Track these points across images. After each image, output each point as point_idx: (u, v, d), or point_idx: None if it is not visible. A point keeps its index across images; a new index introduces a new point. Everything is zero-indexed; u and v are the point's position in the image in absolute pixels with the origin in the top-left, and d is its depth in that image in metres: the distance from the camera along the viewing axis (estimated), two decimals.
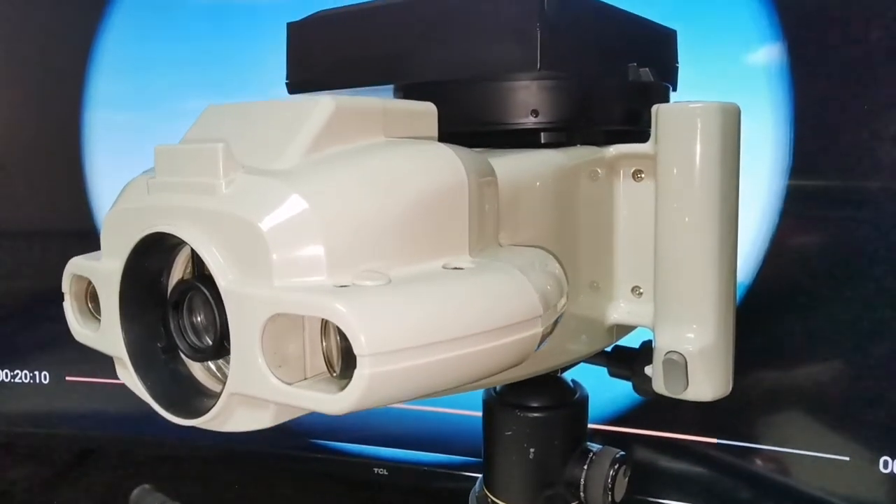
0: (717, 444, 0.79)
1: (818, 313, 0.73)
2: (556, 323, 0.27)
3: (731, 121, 0.35)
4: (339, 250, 0.22)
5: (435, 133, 0.30)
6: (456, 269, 0.24)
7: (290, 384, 0.22)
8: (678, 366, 0.34)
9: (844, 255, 0.72)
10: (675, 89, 0.47)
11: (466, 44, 0.33)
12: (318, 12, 0.40)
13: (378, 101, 0.27)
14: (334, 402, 0.21)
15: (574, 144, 0.37)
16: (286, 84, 0.41)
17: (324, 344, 0.23)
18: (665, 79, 0.44)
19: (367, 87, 0.38)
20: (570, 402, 0.45)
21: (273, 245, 0.22)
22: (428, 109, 0.29)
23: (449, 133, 0.40)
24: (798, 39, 0.71)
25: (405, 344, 0.21)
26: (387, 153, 0.25)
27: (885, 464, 0.71)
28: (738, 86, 0.73)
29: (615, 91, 0.38)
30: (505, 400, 0.45)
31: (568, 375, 0.45)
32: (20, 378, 0.94)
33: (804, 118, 0.71)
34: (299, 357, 0.24)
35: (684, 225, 0.35)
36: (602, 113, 0.38)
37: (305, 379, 0.24)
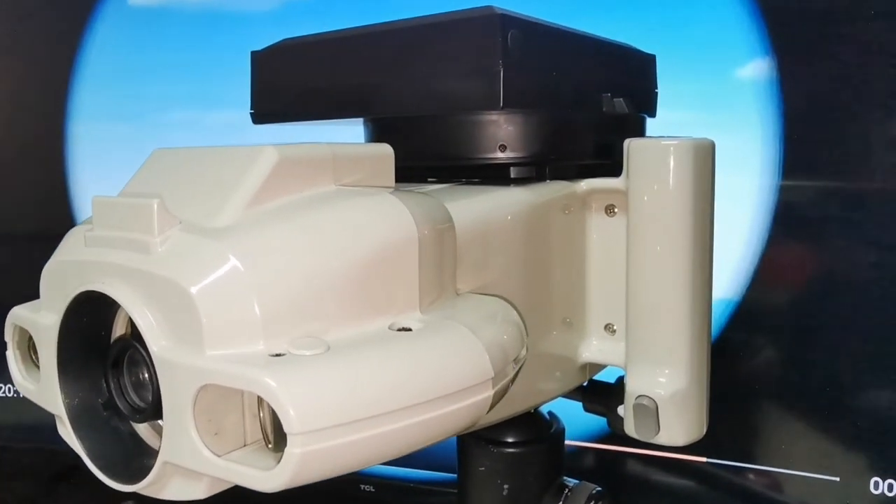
0: (707, 462, 0.78)
1: (808, 331, 0.72)
2: (515, 377, 0.26)
3: (705, 157, 0.34)
4: (276, 315, 0.21)
5: (391, 176, 0.29)
6: (403, 329, 0.23)
7: (222, 456, 0.21)
8: (648, 411, 0.33)
9: (836, 271, 0.70)
10: (653, 115, 0.45)
11: (431, 79, 0.32)
12: (283, 40, 0.39)
13: (327, 148, 0.26)
14: (265, 480, 0.20)
15: (545, 179, 0.36)
16: (251, 114, 0.40)
17: (260, 414, 0.22)
18: (643, 107, 0.43)
19: (333, 121, 0.37)
20: (546, 436, 0.44)
21: (205, 311, 0.21)
22: (383, 152, 0.28)
23: (419, 167, 0.39)
24: (787, 53, 0.70)
25: (340, 419, 0.20)
26: (330, 208, 0.24)
27: (876, 484, 0.70)
28: (726, 100, 0.72)
29: (587, 124, 0.37)
30: (479, 434, 0.44)
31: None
32: (3, 392, 0.94)
33: (793, 132, 0.70)
34: (237, 424, 0.22)
35: (655, 264, 0.34)
36: (574, 146, 0.36)
37: (244, 446, 0.23)
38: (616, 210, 0.36)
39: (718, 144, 0.37)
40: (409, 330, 0.23)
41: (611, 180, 0.35)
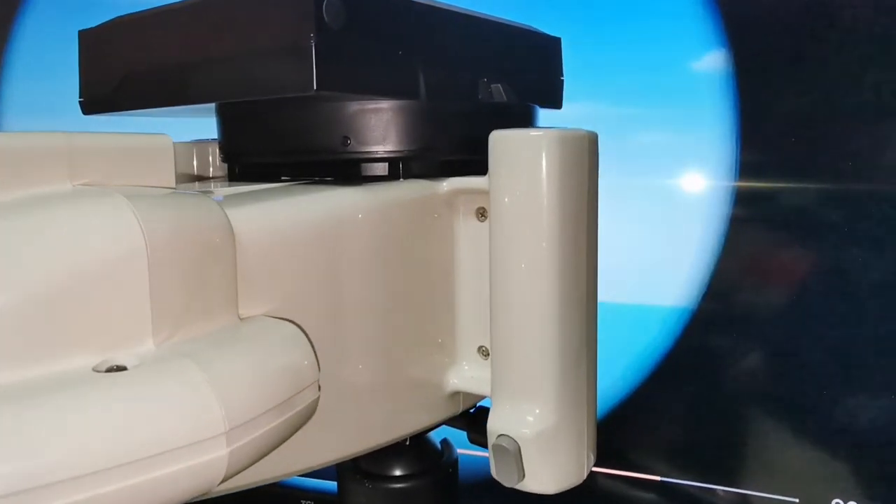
0: (662, 481, 0.73)
1: (767, 343, 0.67)
2: (297, 424, 0.21)
3: (579, 151, 0.28)
4: None
5: (170, 174, 0.23)
6: (115, 369, 0.18)
7: None
8: (508, 454, 0.28)
9: (798, 278, 0.65)
10: (558, 106, 0.40)
11: (243, 59, 0.27)
12: (114, 18, 0.34)
13: (62, 138, 0.21)
14: None
15: (399, 177, 0.31)
16: (80, 103, 0.35)
17: None
18: (538, 96, 0.37)
19: (162, 109, 0.32)
20: (434, 468, 0.39)
21: None
22: (156, 145, 0.23)
23: (272, 164, 0.34)
24: (743, 47, 0.64)
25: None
26: (23, 216, 0.19)
27: None
28: (680, 94, 0.67)
29: (453, 113, 0.32)
30: (357, 466, 0.39)
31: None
32: None
33: (749, 128, 0.65)
34: None
35: (518, 278, 0.28)
36: (435, 139, 0.31)
37: None
38: (487, 214, 0.31)
39: (670, 142, 0.32)
40: (125, 369, 0.18)
41: (476, 179, 0.30)
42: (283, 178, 0.33)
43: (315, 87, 0.25)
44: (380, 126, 0.30)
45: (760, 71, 0.64)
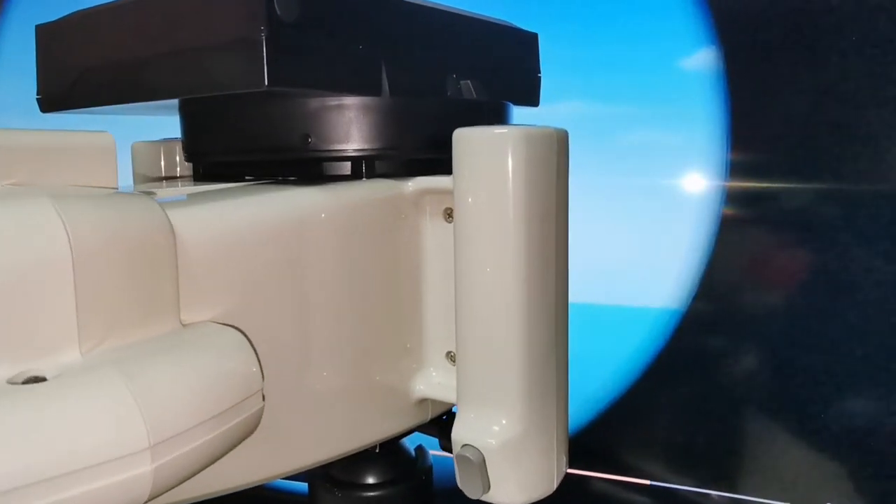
0: (651, 485, 0.72)
1: (758, 345, 0.66)
2: (239, 437, 0.20)
3: (546, 149, 0.27)
4: None
5: (111, 174, 0.22)
6: (33, 380, 0.17)
7: None
8: (472, 465, 0.27)
9: (788, 275, 0.64)
10: (534, 104, 0.39)
11: (194, 53, 0.26)
12: (73, 12, 0.33)
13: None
14: None
15: (361, 176, 0.30)
16: (37, 100, 0.34)
17: None
18: (513, 94, 0.36)
19: (121, 106, 0.31)
20: (407, 475, 0.38)
21: None
22: (98, 144, 0.22)
23: (235, 163, 0.33)
24: (733, 45, 0.64)
25: None
26: None
27: None
28: (669, 93, 0.66)
29: (419, 110, 0.30)
30: (327, 474, 0.38)
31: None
32: None
33: (739, 126, 0.64)
34: None
35: (483, 282, 0.27)
36: (403, 137, 0.30)
37: None
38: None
39: (660, 141, 0.31)
40: (44, 380, 0.17)
41: (443, 179, 0.29)
42: (247, 178, 0.32)
43: (267, 83, 0.24)
44: (342, 124, 0.29)
45: (751, 69, 0.63)
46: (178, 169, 0.39)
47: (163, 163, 0.39)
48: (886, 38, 0.58)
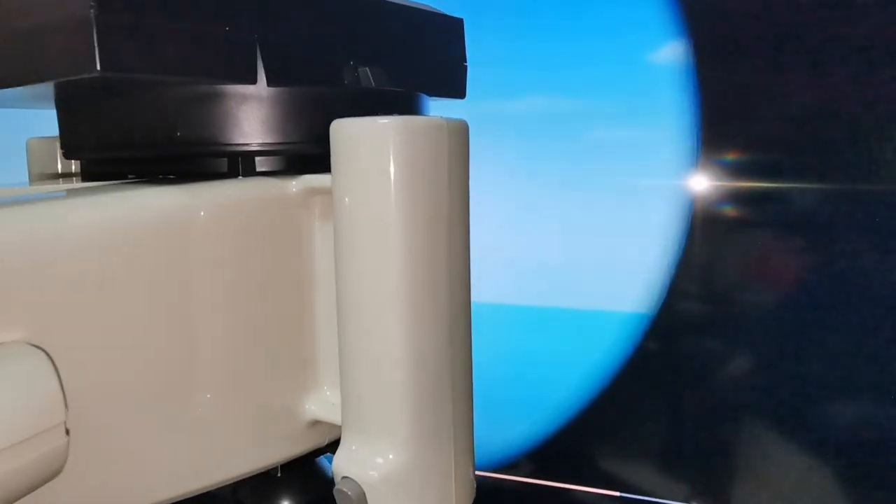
0: (621, 497, 0.69)
1: (732, 350, 0.63)
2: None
3: (434, 143, 0.24)
4: None
5: None
6: None
7: None
8: (350, 501, 0.24)
9: (762, 276, 0.61)
10: (460, 96, 0.36)
11: (27, 38, 0.23)
12: None
13: None
14: None
15: (238, 174, 0.27)
16: None
17: None
18: (432, 84, 0.33)
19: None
20: (315, 496, 0.35)
21: None
22: None
23: (100, 160, 0.29)
24: (703, 37, 0.60)
25: None
26: None
27: None
28: (637, 87, 0.63)
29: (309, 101, 0.27)
30: (237, 499, 0.35)
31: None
32: None
33: (710, 121, 0.61)
34: None
35: (363, 292, 0.24)
36: (287, 131, 0.27)
37: None
38: None
39: (627, 138, 0.28)
40: None
41: (325, 176, 0.26)
42: (129, 176, 0.29)
43: (99, 68, 0.21)
44: (214, 115, 0.26)
45: (722, 63, 0.60)
46: (75, 167, 0.36)
47: (60, 161, 0.36)
48: (861, 31, 0.55)
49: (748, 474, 0.63)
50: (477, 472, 0.33)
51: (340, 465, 0.25)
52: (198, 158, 0.27)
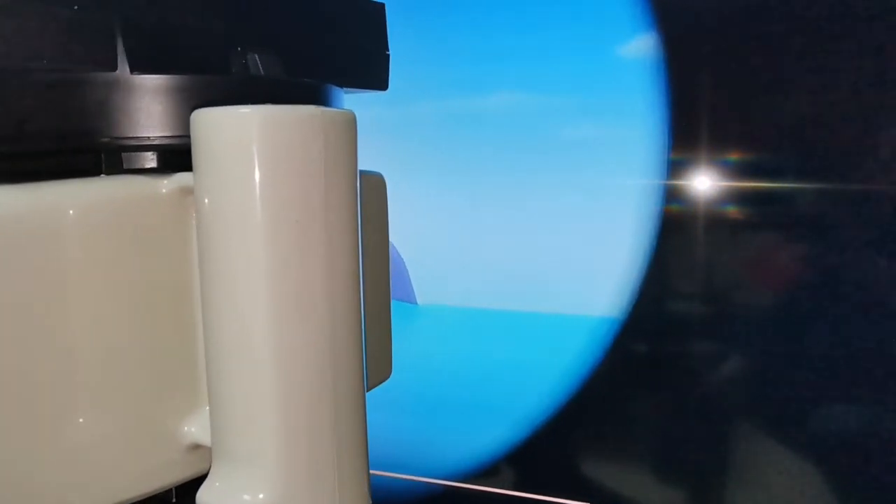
0: None
1: (703, 356, 0.60)
2: None
3: (306, 135, 0.21)
4: None
5: None
6: None
7: None
8: None
9: (735, 277, 0.58)
10: (383, 87, 0.33)
11: None
12: None
13: None
14: None
15: (101, 172, 0.24)
16: None
17: None
18: (342, 74, 0.30)
19: None
20: None
21: None
22: None
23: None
24: (673, 31, 0.58)
25: None
26: None
27: None
28: (604, 82, 0.60)
29: (183, 90, 0.25)
30: None
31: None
32: None
33: (681, 119, 0.58)
34: None
35: (226, 304, 0.21)
36: (155, 124, 0.24)
37: None
38: None
39: (596, 136, 0.25)
40: None
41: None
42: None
43: None
44: (67, 107, 0.23)
45: (694, 58, 0.57)
46: None
47: None
48: (838, 26, 0.52)
49: (722, 482, 0.60)
50: (443, 482, 0.30)
51: (204, 497, 0.22)
52: (60, 155, 0.24)
